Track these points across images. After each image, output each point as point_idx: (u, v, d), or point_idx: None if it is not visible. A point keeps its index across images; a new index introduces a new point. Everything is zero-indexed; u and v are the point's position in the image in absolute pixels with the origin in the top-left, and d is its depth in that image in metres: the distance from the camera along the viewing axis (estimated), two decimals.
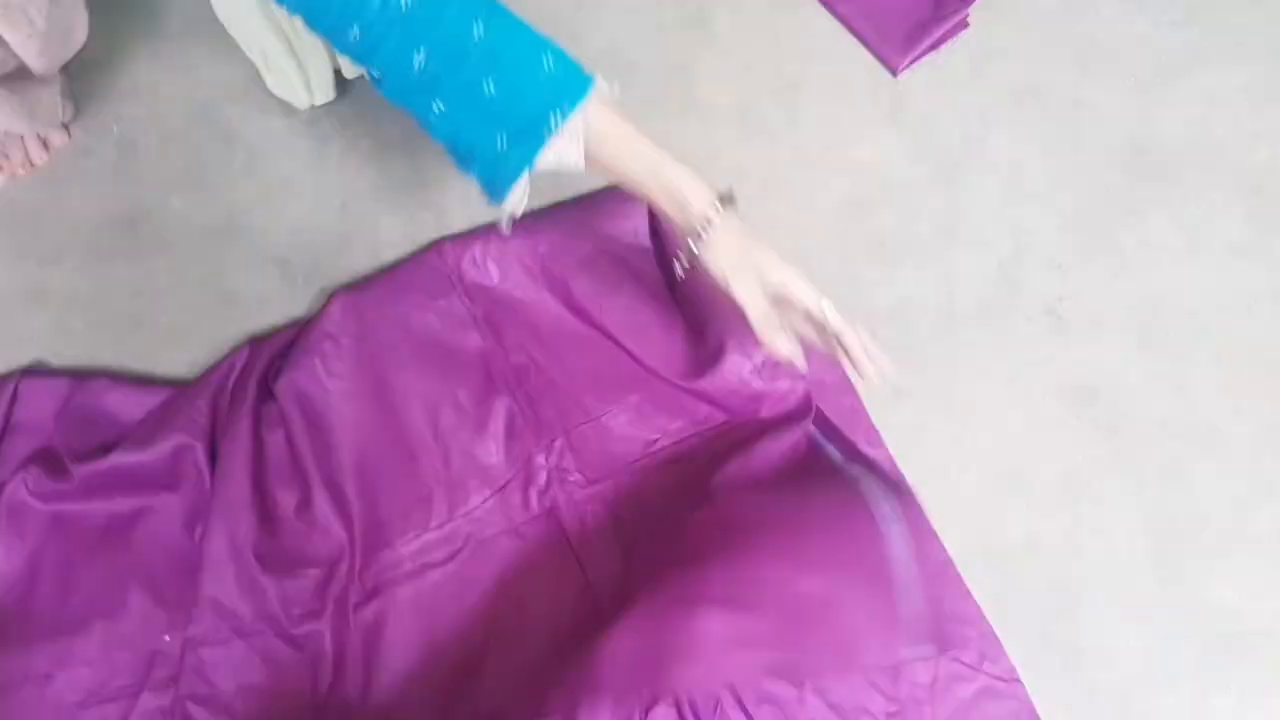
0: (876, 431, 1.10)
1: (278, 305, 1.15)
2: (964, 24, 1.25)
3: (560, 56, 0.78)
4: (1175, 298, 1.17)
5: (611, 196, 1.16)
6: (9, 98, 1.03)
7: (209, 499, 1.02)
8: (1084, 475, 1.10)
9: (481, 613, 1.01)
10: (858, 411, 1.10)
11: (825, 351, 0.90)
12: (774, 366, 1.06)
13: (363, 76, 1.18)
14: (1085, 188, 1.21)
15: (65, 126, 1.19)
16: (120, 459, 1.02)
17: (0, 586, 0.99)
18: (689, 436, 1.08)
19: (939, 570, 1.04)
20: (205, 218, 1.18)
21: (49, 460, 1.03)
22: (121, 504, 1.02)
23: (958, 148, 1.23)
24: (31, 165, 1.19)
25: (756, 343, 0.89)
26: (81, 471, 1.02)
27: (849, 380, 1.10)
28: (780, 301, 0.87)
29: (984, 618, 1.03)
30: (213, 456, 1.04)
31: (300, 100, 1.17)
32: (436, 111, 0.79)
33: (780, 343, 0.87)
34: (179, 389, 1.10)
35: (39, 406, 1.07)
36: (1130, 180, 1.21)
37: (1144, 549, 1.08)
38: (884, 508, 0.95)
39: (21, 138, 1.17)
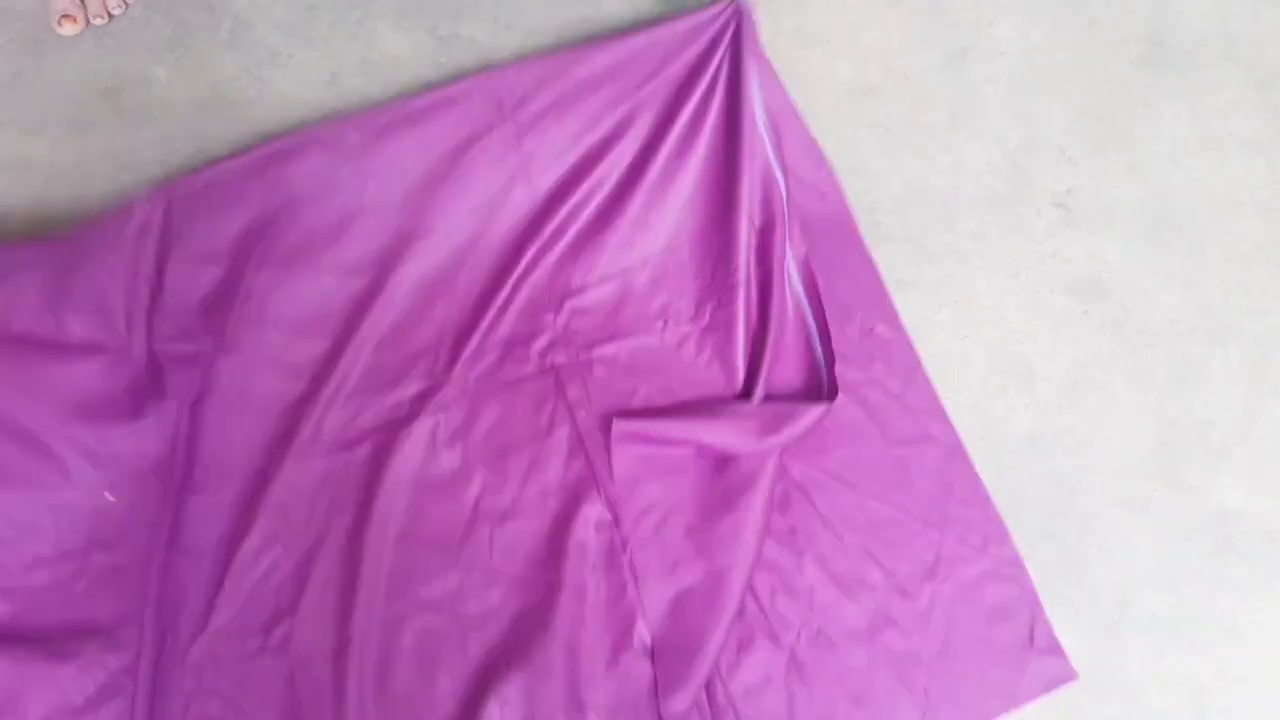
0: (896, 314, 1.07)
1: None
2: None
3: None
4: (1186, 193, 1.13)
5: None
6: None
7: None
8: (1089, 372, 1.07)
9: (477, 459, 1.01)
10: (876, 292, 1.08)
11: None
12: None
13: None
14: (1097, 78, 1.17)
15: None
16: None
17: None
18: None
19: (949, 452, 1.03)
20: (190, 90, 1.14)
21: None
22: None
23: (967, 33, 1.18)
24: (109, 15, 1.15)
25: None
26: None
27: (869, 261, 1.08)
28: None
29: (990, 503, 1.01)
30: None
31: None
32: None
33: None
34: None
35: None
36: (1143, 72, 1.17)
37: (1148, 448, 1.05)
38: None
39: None
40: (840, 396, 1.00)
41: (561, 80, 1.11)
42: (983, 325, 1.08)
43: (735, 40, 1.10)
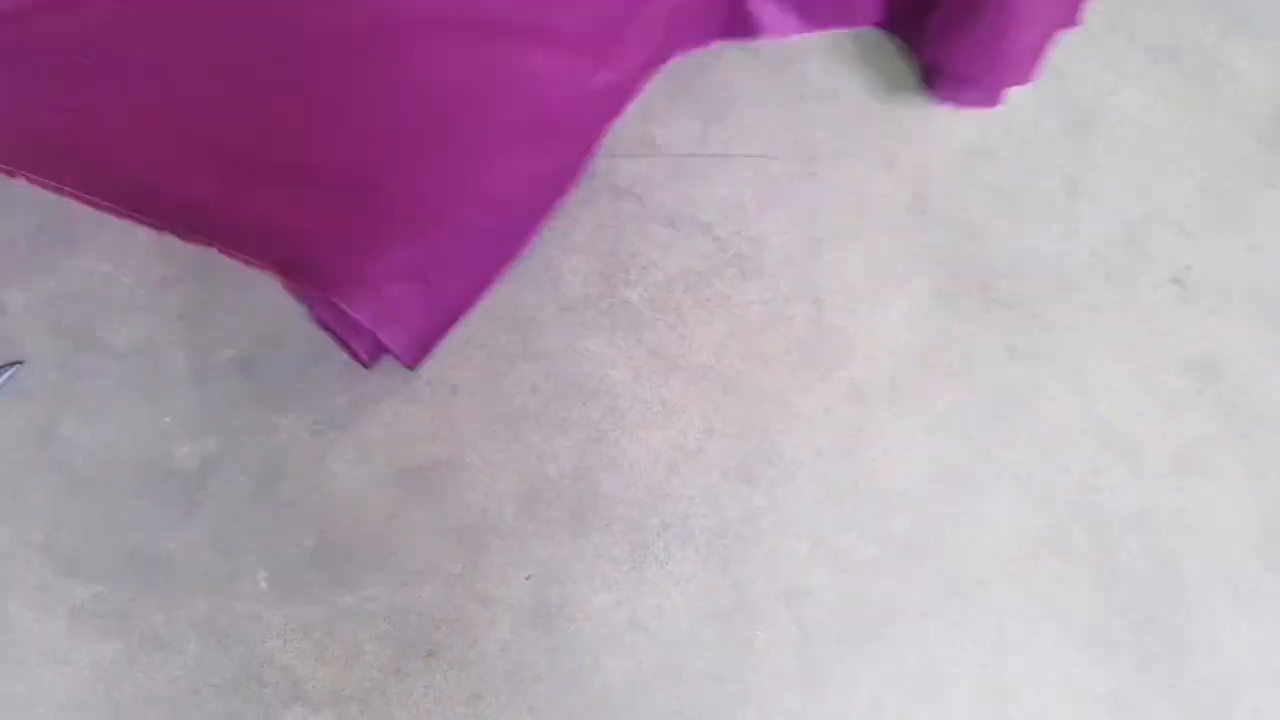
0: None
1: None
2: None
3: None
4: None
5: None
6: None
7: None
8: (1200, 453, 1.04)
9: None
10: None
11: None
12: None
13: None
14: (1219, 155, 1.14)
15: None
16: None
17: None
18: None
19: None
20: None
21: None
22: None
23: (1089, 101, 1.16)
24: None
25: None
26: None
27: None
28: None
29: None
30: None
31: None
32: None
33: None
34: None
35: None
36: (1267, 151, 1.14)
37: (1258, 536, 1.01)
38: None
39: None
40: None
41: None
42: (1094, 399, 1.05)
43: None
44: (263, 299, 1.03)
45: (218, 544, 0.96)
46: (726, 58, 1.16)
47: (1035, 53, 1.08)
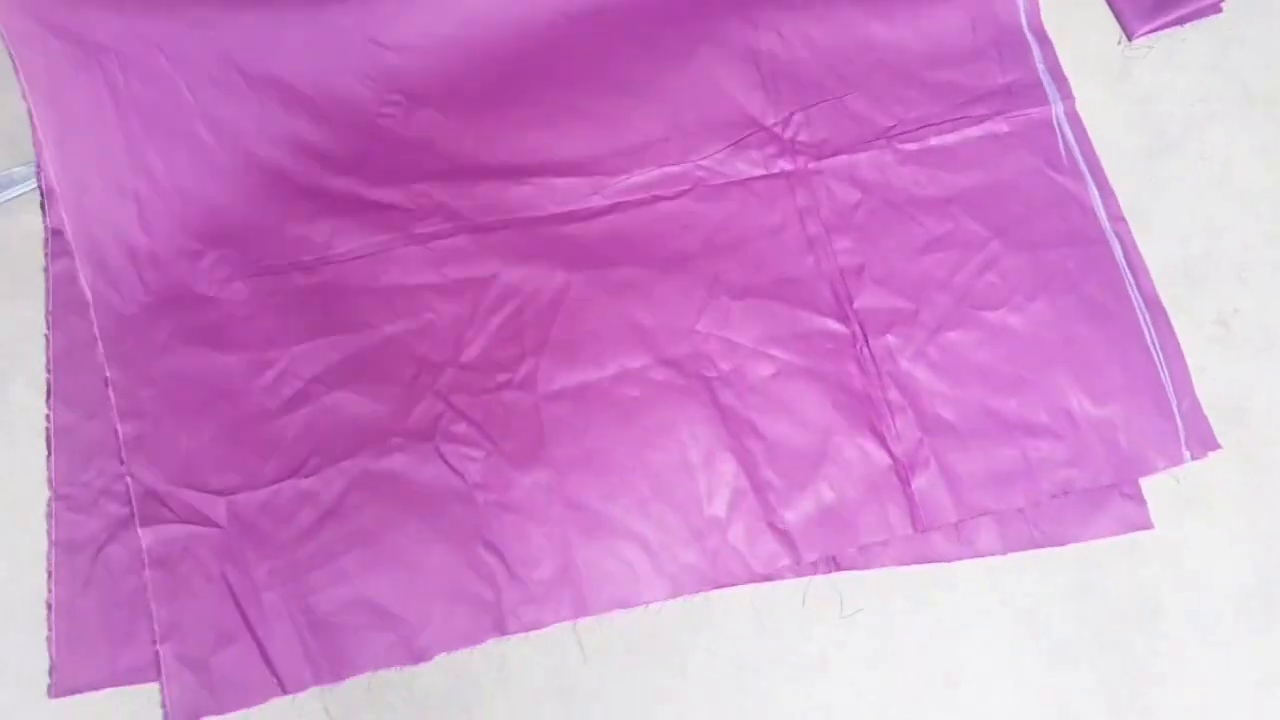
0: None
1: None
2: (1217, 7, 1.15)
3: None
4: None
5: None
6: None
7: None
8: (1205, 493, 1.02)
9: (703, 245, 1.06)
10: None
11: None
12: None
13: None
14: None
15: None
16: None
17: None
18: (924, 128, 1.09)
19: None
20: None
21: None
22: None
23: (1174, 130, 1.13)
24: None
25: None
26: None
27: None
28: None
29: None
30: None
31: None
32: None
33: None
34: None
35: None
36: None
37: (1243, 584, 1.00)
38: None
39: None
40: None
41: None
42: None
43: None
44: None
45: None
46: None
47: None
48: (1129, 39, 1.16)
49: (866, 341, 1.03)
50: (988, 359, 1.03)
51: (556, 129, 1.09)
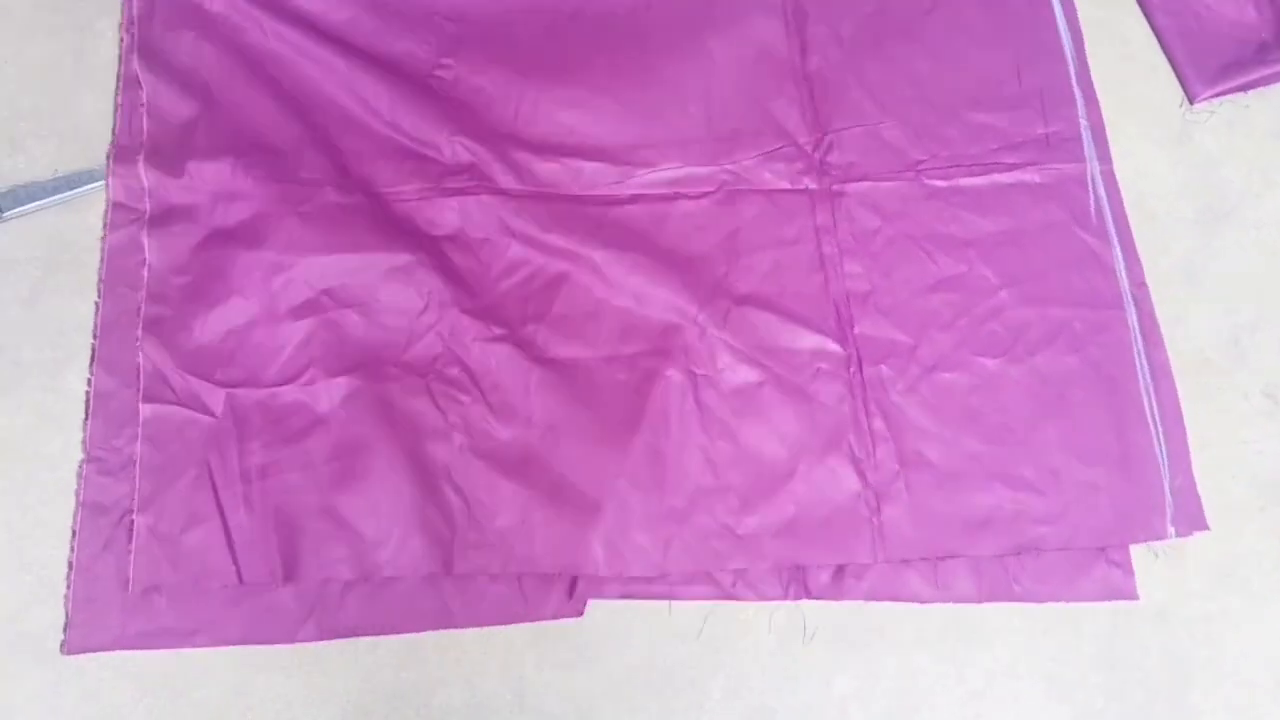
0: None
1: None
2: None
3: None
4: None
5: None
6: None
7: None
8: (1246, 568, 1.00)
9: (716, 246, 1.08)
10: None
11: None
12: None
13: None
14: None
15: None
16: None
17: None
18: (954, 167, 1.10)
19: None
20: None
21: None
22: None
23: (1231, 197, 1.12)
24: None
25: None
26: None
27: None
28: None
29: None
30: None
31: None
32: None
33: None
34: None
35: None
36: None
37: (1277, 664, 0.98)
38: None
39: None
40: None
41: None
42: None
43: None
44: None
45: None
46: None
47: None
48: (1191, 103, 1.15)
49: (860, 367, 1.03)
50: (979, 405, 1.02)
51: (593, 114, 1.11)
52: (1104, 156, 1.10)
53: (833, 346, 1.04)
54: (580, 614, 0.97)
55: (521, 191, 1.08)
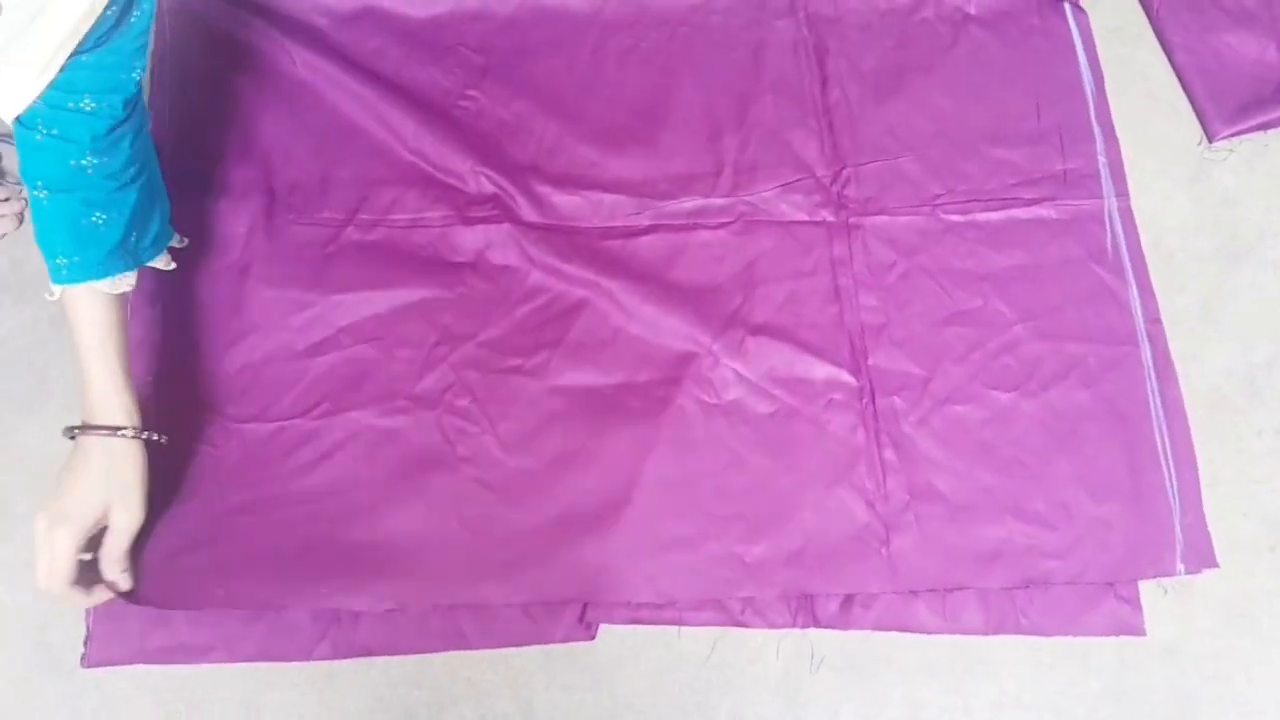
0: None
1: None
2: None
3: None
4: None
5: None
6: None
7: None
8: (1255, 606, 1.00)
9: (733, 277, 1.08)
10: None
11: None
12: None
13: None
14: None
15: None
16: None
17: None
18: (972, 202, 1.10)
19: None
20: None
21: None
22: None
23: (1249, 235, 1.11)
24: None
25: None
26: None
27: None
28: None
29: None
30: None
31: None
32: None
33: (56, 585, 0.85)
34: None
35: None
36: None
37: None
38: None
39: None
40: None
41: None
42: None
43: None
44: None
45: None
46: None
47: None
48: (1210, 142, 1.16)
49: (873, 399, 1.03)
50: (991, 438, 1.02)
51: (614, 148, 1.13)
52: (1122, 193, 1.11)
53: (846, 377, 1.04)
54: (592, 638, 0.98)
55: (542, 223, 1.09)
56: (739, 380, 1.04)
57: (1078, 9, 1.18)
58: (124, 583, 0.89)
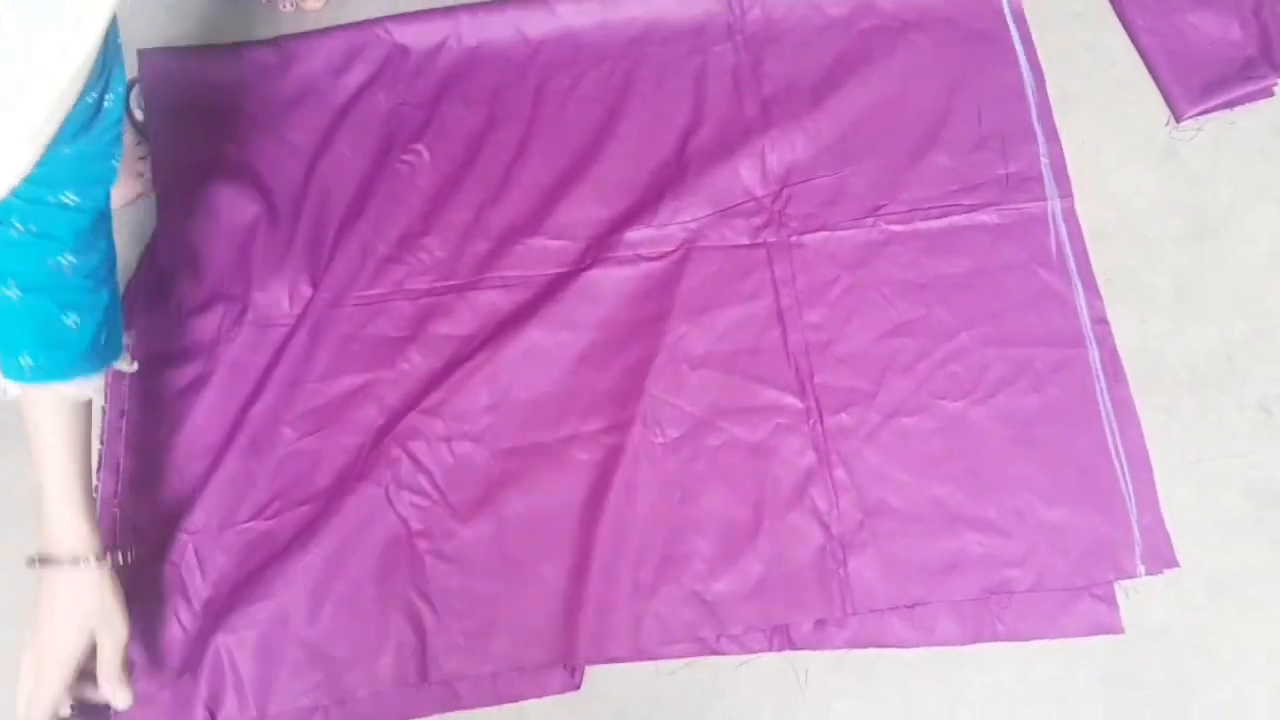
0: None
1: None
2: (1269, 92, 1.14)
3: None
4: None
5: None
6: None
7: None
8: (1240, 580, 1.00)
9: (675, 308, 1.06)
10: None
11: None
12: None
13: None
14: None
15: None
16: None
17: None
18: (914, 211, 1.09)
19: None
20: None
21: None
22: None
23: (1221, 212, 1.12)
24: None
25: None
26: None
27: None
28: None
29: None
30: None
31: None
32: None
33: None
34: None
35: None
36: None
37: (1278, 675, 0.98)
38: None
39: None
40: None
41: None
42: None
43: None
44: None
45: None
46: None
47: None
48: (1177, 121, 1.16)
49: (821, 418, 1.02)
50: (941, 449, 1.02)
51: (559, 194, 1.11)
52: (1065, 194, 1.10)
53: (791, 400, 1.03)
54: (578, 688, 0.98)
55: (485, 281, 1.08)
56: (685, 416, 1.03)
57: (1016, 11, 1.18)
58: (122, 701, 0.83)
